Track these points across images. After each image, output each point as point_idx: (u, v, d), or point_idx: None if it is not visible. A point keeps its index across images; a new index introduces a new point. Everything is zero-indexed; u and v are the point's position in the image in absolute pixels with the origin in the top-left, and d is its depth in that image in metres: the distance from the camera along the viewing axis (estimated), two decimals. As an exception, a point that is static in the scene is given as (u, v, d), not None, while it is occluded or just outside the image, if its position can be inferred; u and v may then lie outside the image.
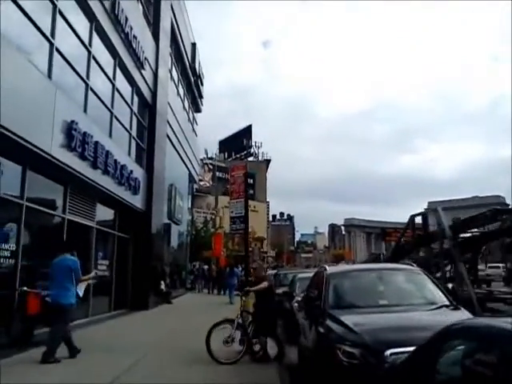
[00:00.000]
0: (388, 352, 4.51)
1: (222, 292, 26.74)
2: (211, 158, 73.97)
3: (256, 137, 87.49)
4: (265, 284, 8.08)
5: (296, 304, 10.85)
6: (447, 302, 5.92)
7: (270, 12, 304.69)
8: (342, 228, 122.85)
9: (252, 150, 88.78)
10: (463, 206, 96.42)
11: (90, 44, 11.59)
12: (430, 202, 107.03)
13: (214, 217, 39.59)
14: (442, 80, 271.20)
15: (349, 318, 5.36)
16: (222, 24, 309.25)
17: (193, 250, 31.50)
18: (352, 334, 4.97)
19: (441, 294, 6.12)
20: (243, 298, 8.42)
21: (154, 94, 17.36)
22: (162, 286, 18.59)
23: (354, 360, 4.70)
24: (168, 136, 19.78)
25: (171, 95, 20.47)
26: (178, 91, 23.24)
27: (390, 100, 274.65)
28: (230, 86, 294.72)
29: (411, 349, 4.48)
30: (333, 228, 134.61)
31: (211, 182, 60.53)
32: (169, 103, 19.56)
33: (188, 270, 28.22)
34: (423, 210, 24.97)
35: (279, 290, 16.44)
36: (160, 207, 18.22)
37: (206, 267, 30.16)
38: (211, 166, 68.07)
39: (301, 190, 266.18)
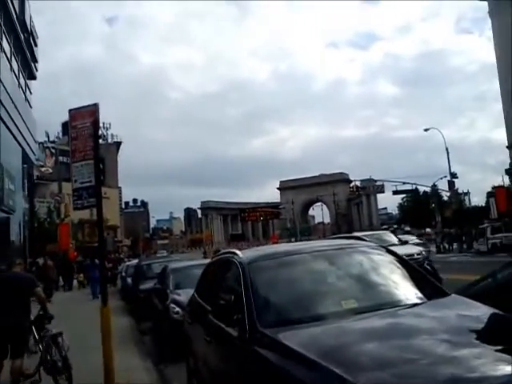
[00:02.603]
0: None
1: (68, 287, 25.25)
2: (53, 142, 66.24)
3: (104, 119, 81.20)
4: None
5: (175, 307, 8.11)
6: (432, 291, 3.66)
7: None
8: (198, 211, 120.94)
9: (100, 132, 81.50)
10: (313, 183, 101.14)
11: None
12: (281, 181, 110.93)
13: (57, 205, 34.36)
14: (290, 63, 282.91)
15: (307, 344, 2.77)
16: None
17: (35, 245, 26.68)
18: (326, 379, 2.44)
19: (424, 278, 3.90)
20: None
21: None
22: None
23: None
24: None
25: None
26: (0, 45, 18.39)
27: (241, 83, 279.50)
28: (73, 65, 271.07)
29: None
30: (189, 212, 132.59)
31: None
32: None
33: (27, 268, 23.49)
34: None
35: (144, 286, 13.55)
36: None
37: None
38: (53, 150, 61.38)
39: (154, 175, 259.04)
